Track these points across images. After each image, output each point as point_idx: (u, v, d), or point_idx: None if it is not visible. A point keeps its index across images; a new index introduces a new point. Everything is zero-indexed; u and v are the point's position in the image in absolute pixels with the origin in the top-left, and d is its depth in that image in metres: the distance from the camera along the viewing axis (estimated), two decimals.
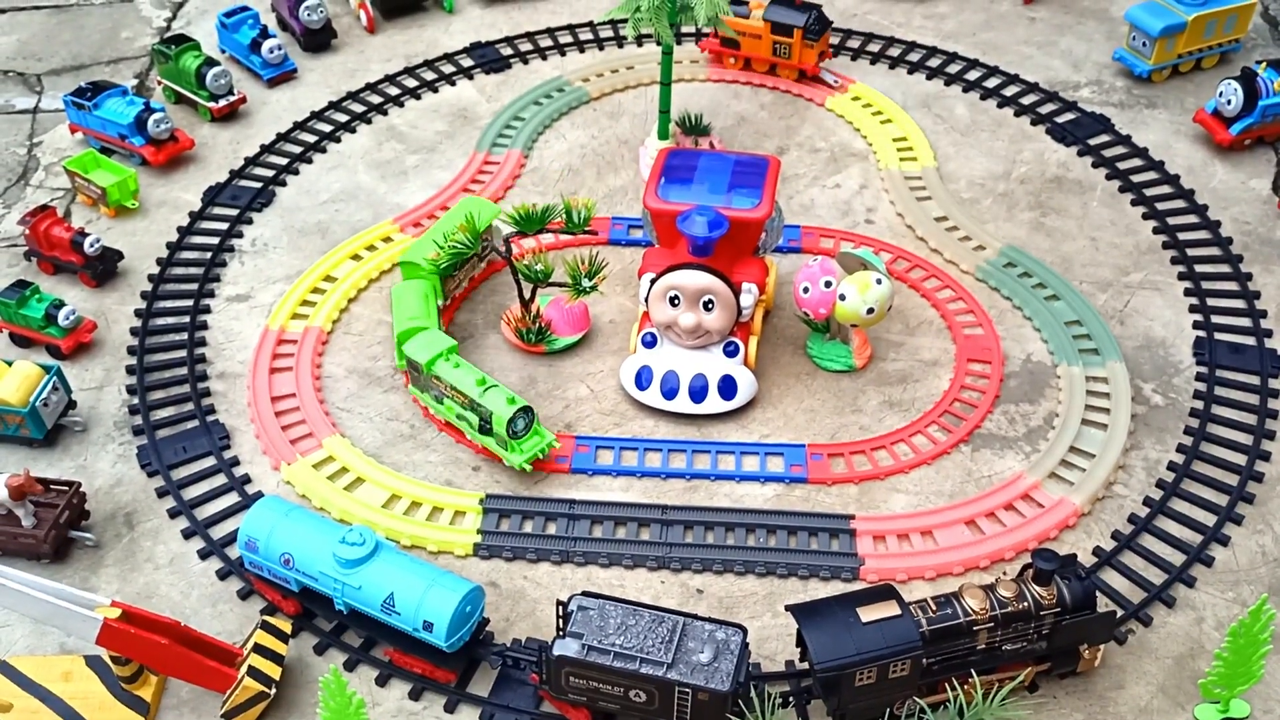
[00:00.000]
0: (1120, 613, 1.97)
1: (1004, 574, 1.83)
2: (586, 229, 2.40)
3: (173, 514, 2.15)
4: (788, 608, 1.80)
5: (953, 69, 3.18)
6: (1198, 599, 2.01)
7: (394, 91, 3.13)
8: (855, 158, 2.94)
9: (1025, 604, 1.77)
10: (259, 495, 2.14)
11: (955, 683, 1.71)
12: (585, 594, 1.81)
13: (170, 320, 2.51)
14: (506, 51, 3.25)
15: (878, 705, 1.74)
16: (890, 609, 1.75)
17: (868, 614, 1.74)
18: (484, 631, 1.93)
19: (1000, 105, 3.08)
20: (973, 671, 1.63)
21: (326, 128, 3.02)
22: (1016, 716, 1.67)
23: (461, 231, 2.36)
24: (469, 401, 2.18)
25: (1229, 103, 2.86)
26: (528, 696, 1.87)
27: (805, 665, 1.86)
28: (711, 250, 2.25)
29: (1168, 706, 1.86)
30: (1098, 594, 1.84)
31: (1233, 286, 2.58)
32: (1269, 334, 2.47)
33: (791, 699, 1.86)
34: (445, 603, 1.80)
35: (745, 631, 1.77)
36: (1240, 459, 2.23)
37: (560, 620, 1.79)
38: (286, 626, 1.89)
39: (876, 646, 1.71)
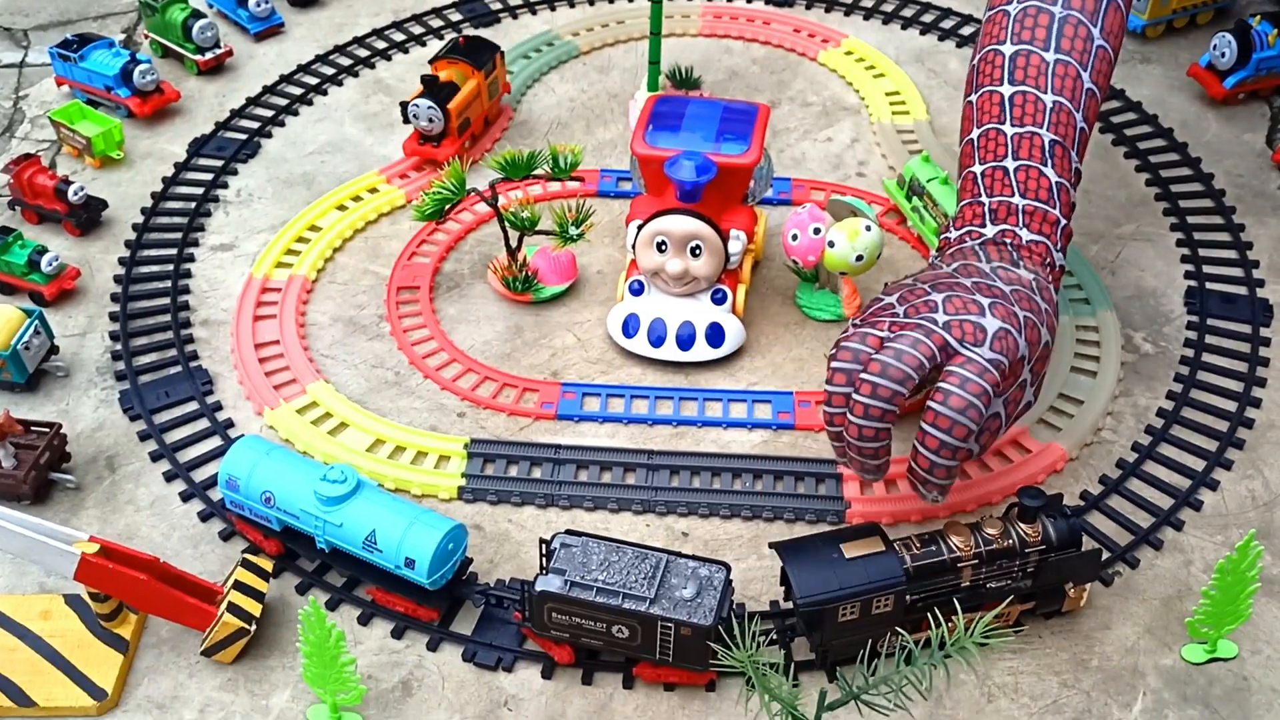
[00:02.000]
0: (1106, 554, 1.96)
1: (990, 514, 1.82)
2: (573, 175, 2.38)
3: (155, 457, 2.13)
4: (772, 545, 1.79)
5: (946, 24, 3.16)
6: (1186, 542, 2.00)
7: (381, 45, 3.11)
8: (847, 111, 2.92)
9: (1010, 541, 1.76)
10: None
11: (939, 618, 1.69)
12: (569, 532, 1.80)
13: (154, 268, 2.50)
14: (495, 5, 3.23)
15: (860, 641, 1.73)
16: (874, 545, 1.74)
17: (851, 550, 1.73)
18: (467, 572, 1.92)
19: None
20: (956, 605, 1.61)
21: (313, 80, 3.00)
22: (998, 644, 1.66)
23: (447, 178, 2.33)
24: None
25: (1223, 55, 2.84)
26: (511, 635, 1.86)
27: (789, 604, 1.86)
28: (699, 196, 2.23)
29: (1154, 646, 1.85)
30: (1083, 534, 1.83)
31: (1225, 238, 2.56)
32: (1260, 284, 2.45)
33: (775, 636, 1.85)
34: (427, 539, 1.79)
35: (729, 568, 1.76)
36: (1230, 405, 2.21)
37: (544, 558, 1.78)
38: (268, 564, 1.88)
39: (860, 582, 1.70)
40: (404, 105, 2.62)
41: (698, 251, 2.23)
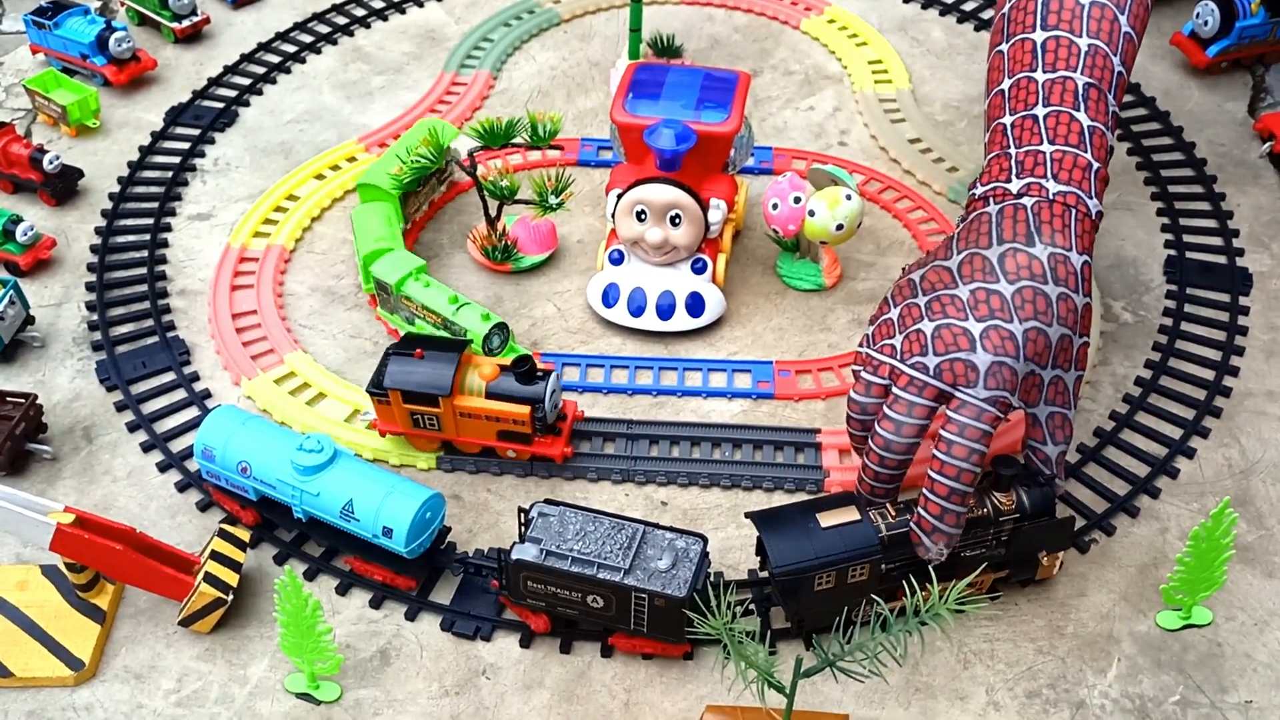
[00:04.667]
0: (1083, 522, 1.97)
1: None
2: (552, 144, 2.37)
3: (132, 428, 2.12)
4: (748, 514, 1.79)
5: None
6: (1162, 510, 2.01)
7: (360, 13, 3.08)
8: (829, 80, 2.91)
9: (984, 510, 1.77)
10: None
11: (914, 586, 1.70)
12: (547, 501, 1.80)
13: (131, 238, 2.48)
14: None
15: (836, 610, 1.73)
16: (850, 514, 1.74)
17: (827, 519, 1.73)
18: (445, 541, 1.92)
19: (977, 29, 3.05)
20: (931, 573, 1.62)
21: (291, 49, 2.97)
22: (973, 610, 1.67)
23: (425, 146, 2.32)
24: (442, 321, 2.16)
25: (1205, 24, 2.83)
26: (489, 604, 1.86)
27: (765, 573, 1.86)
28: (679, 165, 2.21)
29: (1129, 613, 1.86)
30: (1059, 504, 1.84)
31: (1205, 207, 2.56)
32: (1240, 253, 2.46)
33: (752, 605, 1.86)
34: (405, 508, 1.79)
35: (705, 540, 1.76)
36: (1208, 374, 2.22)
37: (521, 527, 1.78)
38: (245, 534, 1.88)
39: (835, 550, 1.70)
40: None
41: (677, 220, 2.22)
